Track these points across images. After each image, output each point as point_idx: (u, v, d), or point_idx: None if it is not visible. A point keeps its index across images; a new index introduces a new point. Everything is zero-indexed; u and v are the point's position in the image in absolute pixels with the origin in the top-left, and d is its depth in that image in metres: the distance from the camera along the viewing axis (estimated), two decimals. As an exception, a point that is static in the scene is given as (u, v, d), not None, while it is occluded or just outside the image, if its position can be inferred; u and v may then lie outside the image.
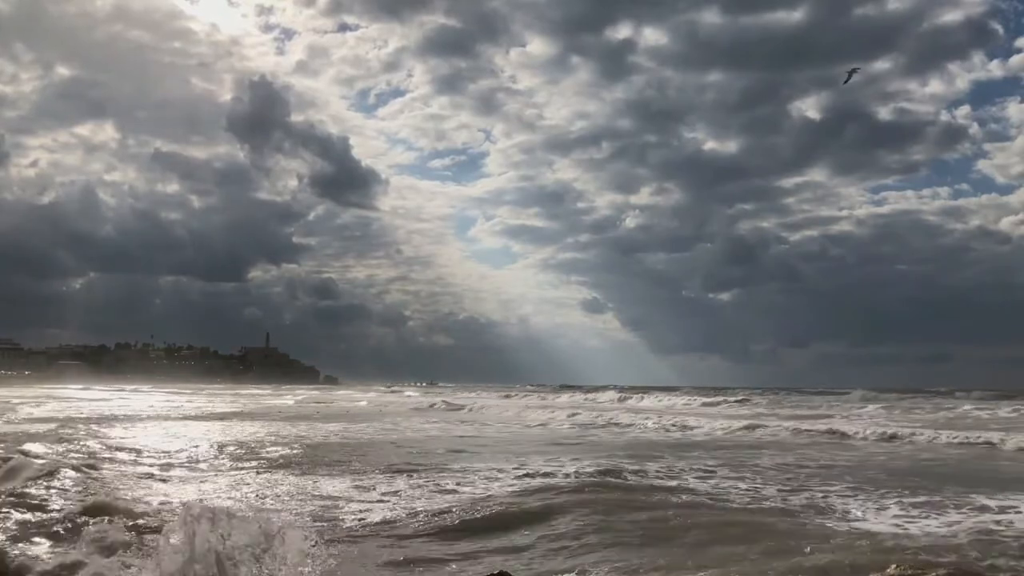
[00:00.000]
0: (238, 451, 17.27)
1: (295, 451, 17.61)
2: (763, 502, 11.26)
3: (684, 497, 11.41)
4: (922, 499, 11.27)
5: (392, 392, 78.10)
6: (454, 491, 11.96)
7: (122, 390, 77.31)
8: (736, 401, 49.81)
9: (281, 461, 15.59)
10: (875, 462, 16.89)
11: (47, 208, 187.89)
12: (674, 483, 12.91)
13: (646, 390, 73.10)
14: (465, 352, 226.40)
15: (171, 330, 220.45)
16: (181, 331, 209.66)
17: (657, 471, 14.24)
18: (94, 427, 23.77)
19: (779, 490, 12.30)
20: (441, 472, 14.13)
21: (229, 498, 10.83)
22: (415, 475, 13.67)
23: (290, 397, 56.45)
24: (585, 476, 13.03)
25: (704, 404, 48.30)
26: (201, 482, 12.53)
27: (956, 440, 21.39)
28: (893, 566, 6.97)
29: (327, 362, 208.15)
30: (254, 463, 15.20)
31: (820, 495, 11.78)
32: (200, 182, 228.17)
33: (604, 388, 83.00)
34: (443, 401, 47.57)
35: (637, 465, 14.81)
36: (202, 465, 14.89)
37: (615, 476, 13.23)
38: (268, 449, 17.84)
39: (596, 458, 16.27)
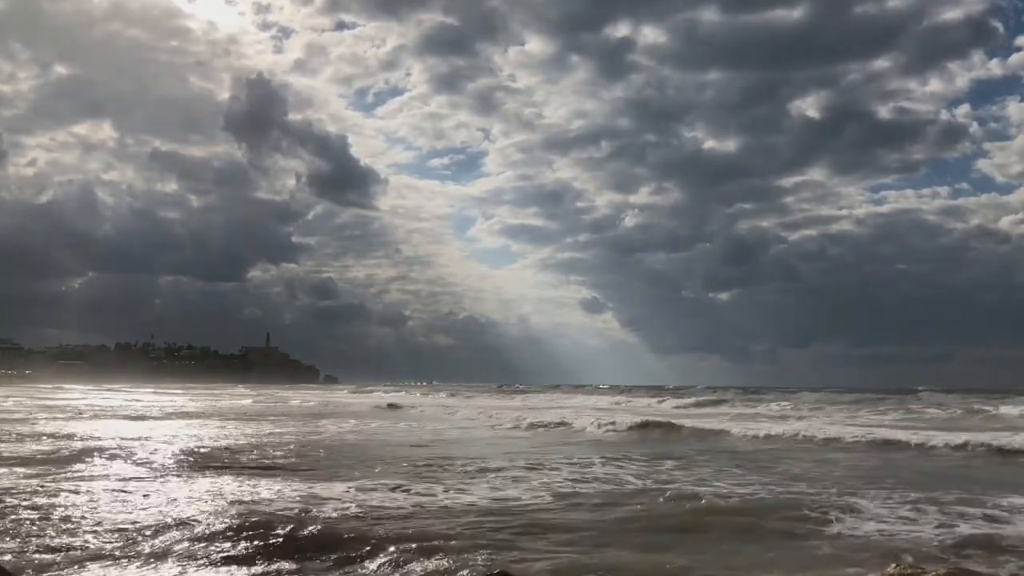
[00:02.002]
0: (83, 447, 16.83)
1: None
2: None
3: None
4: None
5: (360, 393, 78.14)
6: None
7: (111, 389, 77.94)
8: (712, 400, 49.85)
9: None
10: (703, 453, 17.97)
11: (45, 207, 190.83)
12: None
13: (629, 390, 72.81)
14: (465, 352, 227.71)
15: (171, 330, 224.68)
16: (181, 331, 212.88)
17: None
18: (5, 427, 23.39)
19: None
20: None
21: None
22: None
23: (250, 399, 56.67)
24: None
25: (676, 406, 47.86)
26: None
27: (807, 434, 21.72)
28: (893, 565, 6.71)
29: (327, 362, 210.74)
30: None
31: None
32: (198, 181, 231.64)
33: (584, 387, 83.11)
34: (389, 404, 47.52)
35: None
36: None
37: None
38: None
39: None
